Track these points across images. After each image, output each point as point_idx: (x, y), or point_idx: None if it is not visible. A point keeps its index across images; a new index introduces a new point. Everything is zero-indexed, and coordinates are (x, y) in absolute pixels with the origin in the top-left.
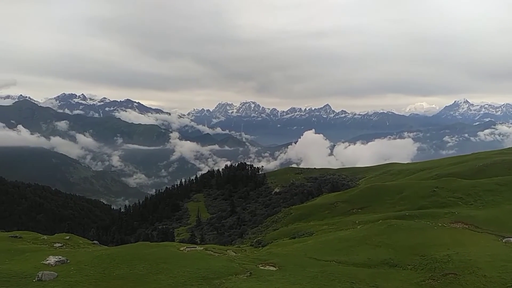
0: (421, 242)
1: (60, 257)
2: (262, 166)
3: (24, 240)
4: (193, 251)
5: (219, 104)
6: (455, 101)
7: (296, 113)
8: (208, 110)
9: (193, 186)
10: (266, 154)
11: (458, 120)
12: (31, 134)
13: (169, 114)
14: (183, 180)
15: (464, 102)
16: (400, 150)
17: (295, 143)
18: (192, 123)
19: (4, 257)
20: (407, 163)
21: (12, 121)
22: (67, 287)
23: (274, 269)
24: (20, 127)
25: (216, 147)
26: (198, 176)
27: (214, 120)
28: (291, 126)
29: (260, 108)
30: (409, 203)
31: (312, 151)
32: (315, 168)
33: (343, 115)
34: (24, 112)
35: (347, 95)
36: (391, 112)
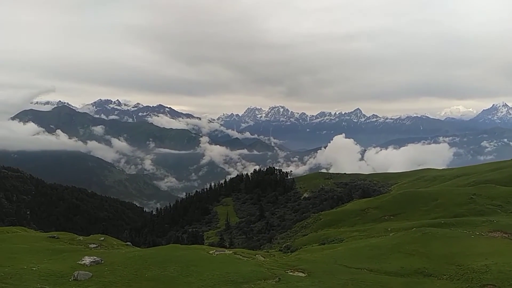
0: (458, 251)
1: (95, 257)
2: (291, 171)
3: (61, 240)
4: (222, 254)
5: (248, 108)
6: (493, 105)
7: (325, 117)
8: (237, 115)
9: (222, 190)
10: (295, 159)
11: (497, 124)
12: (69, 138)
13: (199, 119)
14: (212, 184)
15: (503, 105)
16: (435, 155)
17: (325, 147)
18: (222, 127)
19: (42, 257)
20: (442, 169)
21: (51, 126)
22: (101, 287)
23: (303, 275)
24: (58, 131)
25: (245, 151)
26: (227, 180)
27: (243, 125)
28: (321, 130)
29: (289, 113)
30: (445, 210)
31: (342, 156)
32: (345, 173)
33: (374, 119)
34: (62, 118)
35: (378, 99)
36: (425, 116)
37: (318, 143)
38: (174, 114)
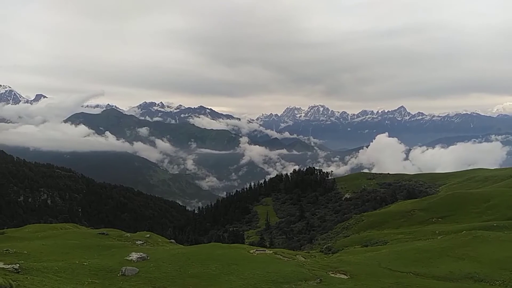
0: None
1: (141, 253)
2: (332, 171)
3: (110, 237)
4: (263, 254)
5: (287, 108)
6: None
7: (367, 116)
8: (276, 115)
9: (262, 190)
10: (336, 159)
11: None
12: (117, 139)
13: (239, 119)
14: (252, 184)
15: None
16: (487, 154)
17: (367, 147)
18: (261, 127)
19: (93, 252)
20: (495, 169)
21: (100, 128)
22: (147, 282)
23: (345, 277)
24: (107, 133)
25: (284, 151)
26: (266, 180)
27: (282, 125)
28: (362, 129)
29: (329, 112)
30: (498, 212)
31: (386, 156)
32: (388, 173)
33: (420, 117)
34: (111, 120)
35: (424, 96)
36: (476, 113)
37: (359, 143)
38: (214, 115)
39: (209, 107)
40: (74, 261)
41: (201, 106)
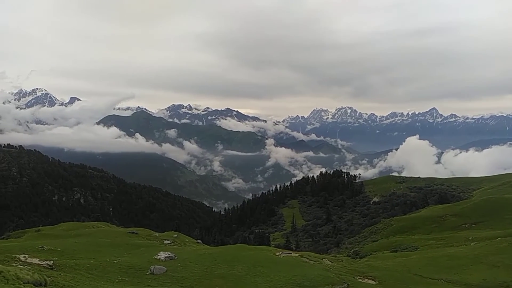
0: None
1: (169, 253)
2: (360, 174)
3: (139, 236)
4: (289, 257)
5: (313, 110)
6: None
7: (397, 118)
8: (302, 117)
9: (288, 192)
10: (364, 162)
11: None
12: (146, 141)
13: (265, 121)
14: (278, 186)
15: None
16: None
17: (396, 150)
18: (287, 130)
19: (123, 251)
20: None
21: (131, 129)
22: (175, 281)
23: (373, 283)
24: (137, 135)
25: (310, 153)
26: (292, 182)
27: (309, 127)
28: (392, 132)
29: (357, 114)
30: None
31: (416, 159)
32: (419, 177)
33: (453, 119)
34: (140, 122)
35: (457, 98)
36: None
37: (389, 145)
38: (241, 117)
39: (236, 109)
40: (105, 259)
41: (227, 108)
